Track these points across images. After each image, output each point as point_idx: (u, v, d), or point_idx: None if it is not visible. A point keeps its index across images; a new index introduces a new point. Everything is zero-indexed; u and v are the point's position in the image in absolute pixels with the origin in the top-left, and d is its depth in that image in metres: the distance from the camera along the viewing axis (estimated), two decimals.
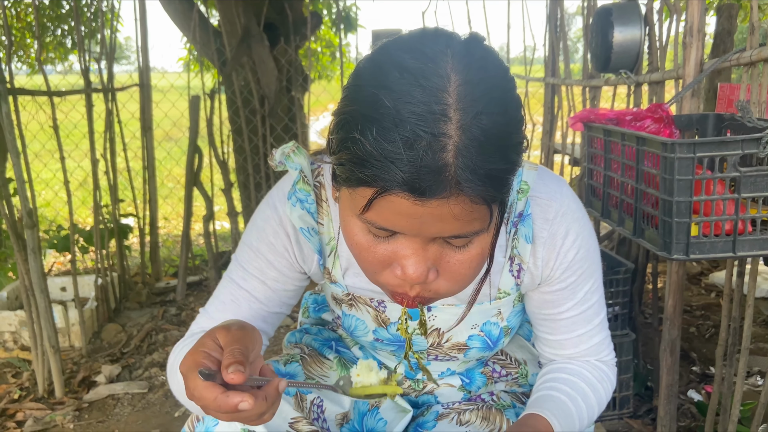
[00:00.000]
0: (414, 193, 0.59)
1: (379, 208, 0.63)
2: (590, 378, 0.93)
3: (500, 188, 0.63)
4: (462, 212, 0.61)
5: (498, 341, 0.95)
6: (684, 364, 2.30)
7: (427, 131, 0.58)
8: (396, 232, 0.66)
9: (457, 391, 1.03)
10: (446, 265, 0.69)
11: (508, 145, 0.62)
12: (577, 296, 0.89)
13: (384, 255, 0.69)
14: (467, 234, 0.65)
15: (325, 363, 1.03)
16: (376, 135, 0.59)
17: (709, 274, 3.25)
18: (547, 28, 2.95)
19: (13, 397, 2.29)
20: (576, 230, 0.86)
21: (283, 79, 3.48)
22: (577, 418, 0.89)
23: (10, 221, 2.18)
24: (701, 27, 1.64)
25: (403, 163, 0.58)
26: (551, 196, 0.86)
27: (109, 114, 3.02)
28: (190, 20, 3.30)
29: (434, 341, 0.94)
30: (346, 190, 0.67)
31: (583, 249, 0.87)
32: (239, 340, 0.65)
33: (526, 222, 0.84)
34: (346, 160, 0.63)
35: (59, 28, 4.86)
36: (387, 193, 0.60)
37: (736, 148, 1.18)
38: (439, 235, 0.65)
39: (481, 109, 0.59)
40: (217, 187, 3.48)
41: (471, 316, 0.91)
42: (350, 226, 0.70)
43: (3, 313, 2.62)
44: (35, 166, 2.80)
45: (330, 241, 0.89)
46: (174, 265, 3.83)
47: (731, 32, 3.03)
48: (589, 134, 1.62)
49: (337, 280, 0.91)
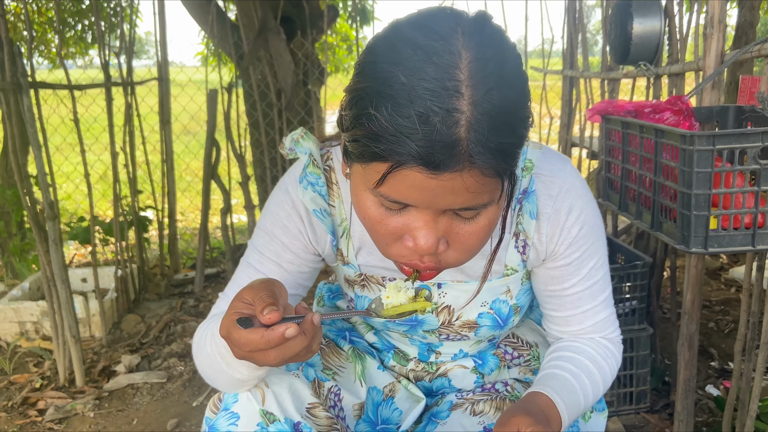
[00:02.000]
0: (428, 166, 0.61)
1: (393, 182, 0.65)
2: (595, 355, 0.94)
3: (510, 161, 0.65)
4: (474, 185, 0.64)
5: (508, 320, 0.96)
6: (702, 359, 2.28)
7: (440, 107, 0.60)
8: (408, 204, 0.68)
9: (470, 373, 1.04)
10: (456, 237, 0.71)
11: (518, 119, 0.65)
12: (581, 272, 0.91)
13: (396, 227, 0.71)
14: (477, 206, 0.68)
15: (341, 353, 1.04)
16: (391, 111, 0.61)
17: (730, 269, 3.21)
18: (565, 21, 2.92)
19: (35, 385, 2.33)
20: (580, 206, 0.88)
21: (300, 72, 3.49)
22: (582, 396, 0.89)
23: (32, 213, 2.22)
24: (722, 18, 1.61)
25: (417, 137, 0.60)
26: (555, 173, 0.87)
27: (128, 108, 3.06)
28: (208, 14, 3.32)
29: (445, 319, 0.95)
30: (358, 166, 0.69)
31: (587, 225, 0.88)
32: (265, 288, 0.68)
33: (531, 198, 0.87)
34: (360, 136, 0.64)
35: (80, 23, 4.92)
36: (401, 167, 0.62)
37: (756, 140, 1.17)
38: (450, 207, 0.67)
39: (492, 85, 0.61)
40: (235, 181, 3.50)
41: (480, 294, 0.92)
42: (362, 200, 0.72)
43: (25, 303, 2.67)
44: (56, 159, 2.85)
45: (342, 222, 0.91)
46: (192, 258, 3.87)
47: (753, 23, 2.98)
48: (607, 126, 1.60)
49: (350, 260, 0.93)
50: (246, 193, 3.37)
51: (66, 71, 2.58)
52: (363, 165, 0.67)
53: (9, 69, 2.14)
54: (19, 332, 2.67)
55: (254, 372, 0.81)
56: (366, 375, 1.02)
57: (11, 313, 2.65)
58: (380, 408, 1.01)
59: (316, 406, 0.91)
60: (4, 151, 3.28)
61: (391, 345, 1.06)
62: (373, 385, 1.02)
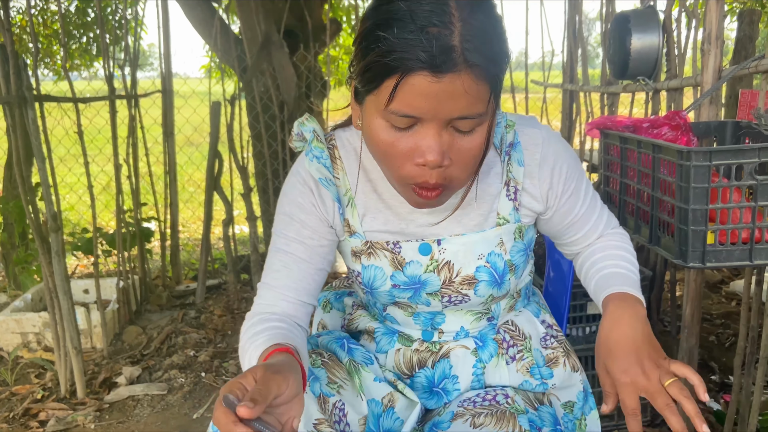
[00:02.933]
0: (432, 70, 0.74)
1: (402, 94, 0.77)
2: (618, 243, 1.09)
3: (496, 68, 0.79)
4: (470, 87, 0.76)
5: (504, 277, 1.01)
6: (703, 373, 2.28)
7: (437, 21, 0.75)
8: (415, 117, 0.79)
9: (470, 355, 1.07)
10: (457, 153, 0.82)
11: (498, 36, 0.79)
12: (580, 194, 1.05)
13: (405, 147, 0.82)
14: (473, 114, 0.79)
15: (342, 367, 1.05)
16: (397, 30, 0.75)
17: (730, 282, 3.21)
18: (565, 35, 2.95)
19: (36, 397, 2.34)
20: (562, 148, 1.02)
21: (303, 85, 3.52)
22: (633, 275, 1.04)
23: (35, 224, 2.24)
24: (719, 34, 1.63)
25: (422, 46, 0.74)
26: (533, 126, 1.02)
27: (132, 120, 3.08)
28: (212, 27, 3.35)
29: (446, 277, 1.01)
30: (371, 97, 0.81)
31: (571, 159, 1.03)
32: (268, 382, 0.72)
33: (517, 148, 1.00)
34: (372, 61, 0.78)
35: (85, 35, 4.96)
36: (410, 74, 0.75)
37: (753, 156, 1.18)
38: (451, 115, 0.78)
39: (475, 9, 0.77)
40: (237, 192, 3.52)
41: (476, 245, 1.00)
42: (375, 129, 0.83)
43: (27, 314, 2.68)
44: (60, 171, 2.86)
45: (347, 192, 1.00)
46: (194, 269, 3.88)
47: (753, 38, 3.00)
48: (605, 141, 1.62)
49: (356, 229, 1.01)
50: (248, 204, 3.39)
51: (70, 83, 2.61)
52: (375, 91, 0.79)
53: (14, 82, 2.16)
54: (21, 343, 2.68)
55: None
56: (364, 388, 1.02)
57: (13, 324, 2.66)
58: (381, 420, 1.02)
59: (322, 422, 0.92)
60: (8, 163, 3.30)
61: (395, 330, 1.10)
62: (372, 397, 1.03)
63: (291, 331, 0.94)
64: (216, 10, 3.41)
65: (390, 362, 1.10)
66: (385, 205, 1.00)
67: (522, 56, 3.59)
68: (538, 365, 1.11)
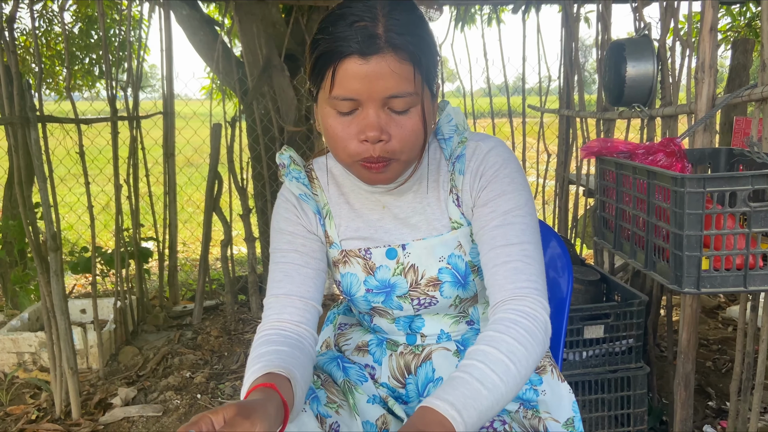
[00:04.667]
0: (360, 54, 0.87)
1: (339, 79, 0.89)
2: (505, 342, 0.87)
3: (418, 50, 0.90)
4: (395, 68, 0.88)
5: (467, 278, 1.06)
6: (700, 398, 2.27)
7: (364, 17, 0.88)
8: (354, 99, 0.90)
9: (452, 356, 1.10)
10: (395, 129, 0.93)
11: (418, 26, 0.91)
12: (499, 210, 1.00)
13: (350, 128, 0.93)
14: (402, 93, 0.90)
15: (338, 387, 1.08)
16: (332, 28, 0.89)
17: (727, 307, 3.21)
18: (561, 62, 2.99)
19: (31, 417, 2.32)
20: (494, 158, 1.04)
21: (302, 107, 3.56)
22: (492, 400, 0.83)
23: (34, 244, 2.24)
24: (713, 63, 1.67)
25: (350, 37, 0.87)
26: (481, 139, 1.08)
27: (133, 141, 3.11)
28: (214, 51, 3.39)
29: (412, 280, 1.07)
30: (321, 94, 0.93)
31: (505, 169, 1.03)
32: (235, 425, 0.75)
33: (461, 159, 1.06)
34: (316, 58, 0.91)
35: (88, 56, 5.01)
36: (342, 59, 0.88)
37: (746, 183, 1.20)
38: (383, 94, 0.89)
39: (397, 7, 0.91)
40: (236, 213, 3.53)
41: (436, 248, 1.06)
42: (325, 118, 0.94)
43: (24, 334, 2.67)
44: (60, 190, 2.87)
45: (325, 205, 1.11)
46: (191, 289, 3.87)
47: (747, 66, 3.05)
48: (601, 167, 1.64)
49: (333, 240, 1.10)
50: (247, 225, 3.40)
51: (73, 104, 2.63)
52: (322, 85, 0.92)
53: (18, 103, 2.19)
54: (17, 363, 2.67)
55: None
56: (358, 409, 1.05)
57: (9, 343, 2.65)
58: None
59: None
60: (8, 182, 3.32)
61: (383, 338, 1.15)
62: (366, 419, 1.05)
63: (291, 353, 0.95)
64: (218, 34, 3.46)
65: (385, 372, 1.13)
66: (356, 213, 1.10)
67: (519, 81, 3.63)
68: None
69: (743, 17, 4.68)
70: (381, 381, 1.13)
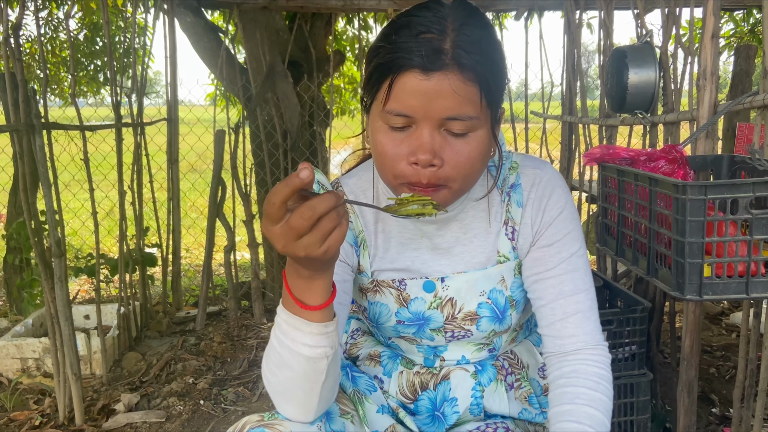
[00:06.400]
0: (422, 68, 0.81)
1: (396, 93, 0.83)
2: (594, 390, 0.94)
3: (485, 71, 0.83)
4: (458, 87, 0.82)
5: (505, 312, 1.02)
6: (704, 405, 2.26)
7: (432, 29, 0.82)
8: (409, 116, 0.83)
9: (470, 377, 1.08)
10: (449, 154, 0.85)
11: (489, 45, 0.85)
12: (563, 254, 0.99)
13: (401, 147, 0.86)
14: (462, 115, 0.83)
15: (348, 398, 1.07)
16: (395, 37, 0.83)
17: (730, 314, 3.20)
18: (564, 68, 3.00)
19: (34, 423, 2.32)
20: (559, 193, 1.01)
21: (306, 114, 3.57)
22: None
23: (38, 250, 2.25)
24: (714, 70, 1.67)
25: (415, 49, 0.81)
26: (537, 167, 1.03)
27: (137, 147, 3.12)
28: (218, 57, 3.41)
29: (449, 313, 1.03)
30: (374, 105, 0.88)
31: (566, 211, 1.01)
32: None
33: (517, 190, 1.02)
34: (373, 67, 0.86)
35: (92, 63, 5.04)
36: (401, 72, 0.82)
37: (748, 190, 1.20)
38: (441, 115, 0.83)
39: (469, 21, 0.84)
40: (239, 219, 3.54)
41: (478, 282, 1.01)
42: (375, 132, 0.89)
43: (28, 340, 2.68)
44: (64, 196, 2.89)
45: (360, 233, 1.04)
46: (194, 295, 3.88)
47: (749, 72, 3.05)
48: (603, 173, 1.64)
49: (365, 269, 1.05)
50: (250, 231, 3.40)
51: (78, 111, 2.65)
52: (376, 96, 0.86)
53: (23, 110, 2.20)
54: (20, 369, 2.68)
55: (320, 339, 0.81)
56: (367, 420, 1.03)
57: (13, 349, 2.66)
58: None
59: None
60: (13, 188, 3.33)
61: (399, 354, 1.12)
62: (375, 429, 1.04)
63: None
64: (222, 41, 3.48)
65: (394, 387, 1.11)
66: (392, 243, 1.04)
67: (522, 87, 3.64)
68: (536, 394, 1.11)
69: (746, 23, 4.69)
70: (389, 393, 1.11)
